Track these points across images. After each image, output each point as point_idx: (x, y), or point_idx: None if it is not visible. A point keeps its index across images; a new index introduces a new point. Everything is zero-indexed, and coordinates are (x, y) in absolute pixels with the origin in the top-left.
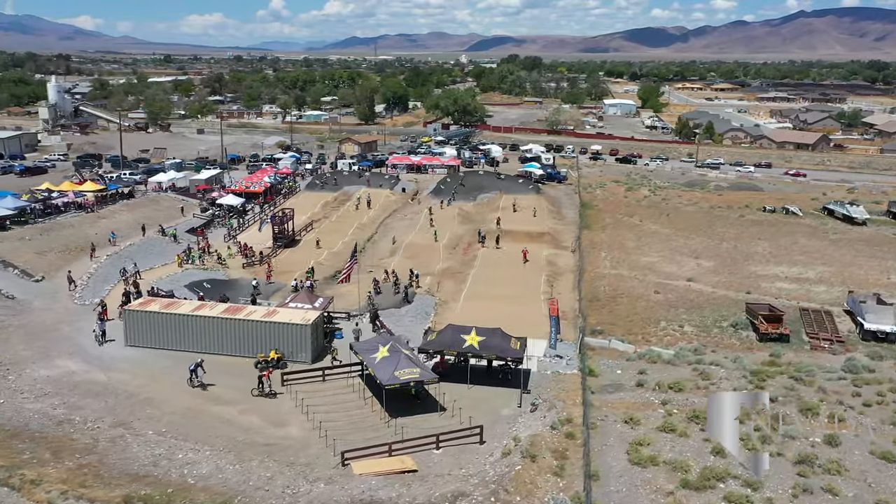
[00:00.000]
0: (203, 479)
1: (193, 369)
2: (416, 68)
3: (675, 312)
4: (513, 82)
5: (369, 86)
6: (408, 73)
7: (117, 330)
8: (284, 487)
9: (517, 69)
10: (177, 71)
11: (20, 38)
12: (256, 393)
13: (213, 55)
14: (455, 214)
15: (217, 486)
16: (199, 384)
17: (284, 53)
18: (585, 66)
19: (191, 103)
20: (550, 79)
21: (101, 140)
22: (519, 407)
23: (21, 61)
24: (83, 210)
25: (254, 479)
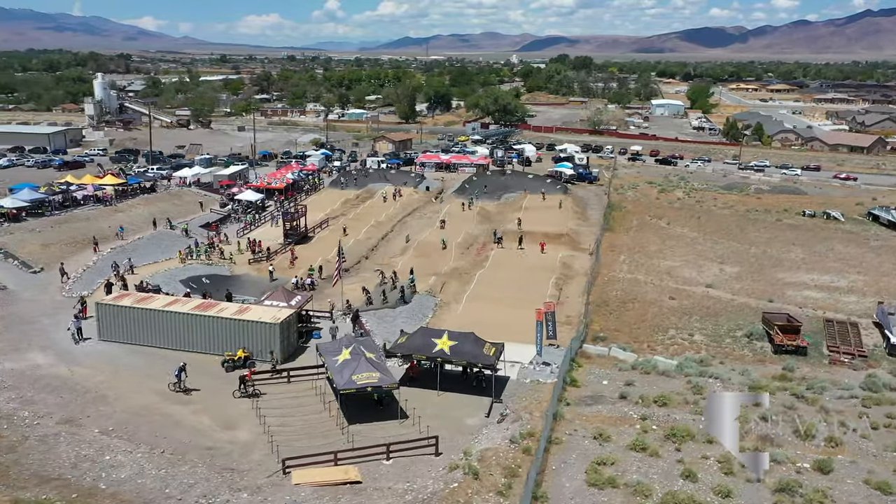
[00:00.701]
0: (116, 485)
1: (178, 373)
2: (462, 67)
3: (687, 320)
4: (559, 82)
5: (410, 85)
6: (453, 73)
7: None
8: (200, 497)
9: (564, 69)
10: (230, 70)
11: (88, 39)
12: (239, 394)
13: (268, 55)
14: (475, 214)
15: (128, 492)
16: (184, 389)
17: (337, 53)
18: (637, 67)
19: (237, 101)
20: (599, 79)
21: (142, 136)
22: (487, 417)
23: (84, 60)
24: (101, 203)
25: (172, 486)
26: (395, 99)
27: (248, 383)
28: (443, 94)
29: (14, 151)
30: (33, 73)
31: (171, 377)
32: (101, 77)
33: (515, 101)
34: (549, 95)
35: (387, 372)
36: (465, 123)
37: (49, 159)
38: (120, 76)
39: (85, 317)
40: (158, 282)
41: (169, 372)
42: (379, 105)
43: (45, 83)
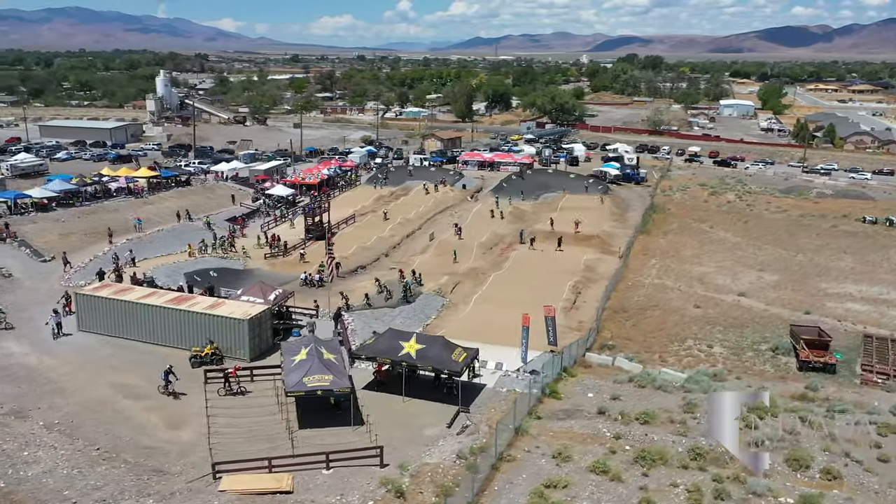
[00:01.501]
0: (16, 483)
1: (165, 377)
2: (527, 67)
3: (709, 330)
4: (625, 82)
5: (467, 83)
6: (516, 72)
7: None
8: (100, 500)
9: (631, 68)
10: (300, 70)
11: (171, 40)
12: (223, 392)
13: (340, 55)
14: (506, 213)
15: (24, 492)
16: (172, 392)
17: (407, 53)
18: (712, 67)
19: (298, 99)
20: (667, 78)
21: (198, 132)
22: (448, 427)
23: (162, 60)
24: (133, 195)
25: (76, 488)
26: (452, 98)
27: (234, 380)
28: (502, 93)
29: (76, 145)
30: (115, 71)
31: (160, 380)
32: (163, 74)
33: (573, 100)
34: (615, 95)
35: (341, 375)
36: (521, 123)
37: (105, 153)
38: (194, 75)
39: (70, 312)
40: (162, 275)
41: (136, 364)
42: (438, 104)
43: (119, 81)
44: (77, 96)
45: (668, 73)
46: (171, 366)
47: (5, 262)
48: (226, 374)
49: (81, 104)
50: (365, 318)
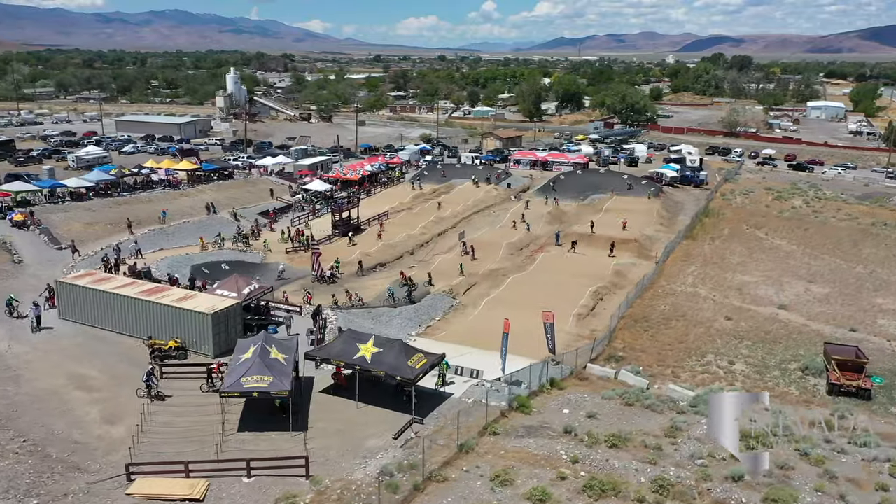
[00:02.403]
0: None
1: (146, 379)
2: (604, 66)
3: (735, 345)
4: (707, 82)
5: (535, 82)
6: (591, 71)
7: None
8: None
9: (714, 68)
10: (380, 69)
11: (262, 41)
12: (206, 389)
13: (422, 55)
14: (545, 213)
15: None
16: (156, 395)
17: (489, 54)
18: (805, 67)
19: (369, 98)
20: (753, 79)
21: (264, 128)
22: (394, 439)
23: (249, 60)
24: (172, 187)
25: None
26: (520, 97)
27: (216, 377)
28: (573, 92)
29: (145, 139)
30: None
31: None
32: (233, 72)
33: (645, 100)
34: (696, 96)
35: (284, 377)
36: (590, 123)
37: (168, 147)
38: (276, 74)
39: (52, 305)
40: (169, 266)
41: (101, 355)
42: (510, 104)
43: (200, 79)
44: (161, 93)
45: (755, 74)
46: (152, 366)
47: (21, 249)
48: (209, 370)
49: (164, 101)
50: (356, 317)
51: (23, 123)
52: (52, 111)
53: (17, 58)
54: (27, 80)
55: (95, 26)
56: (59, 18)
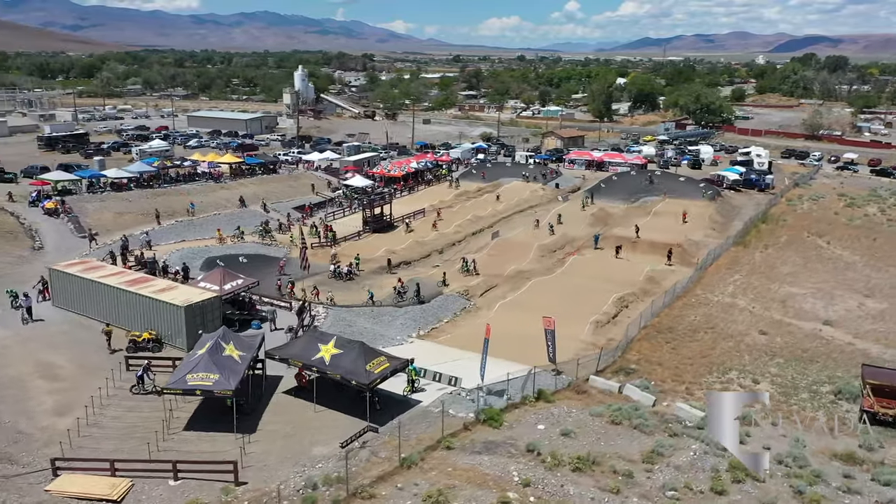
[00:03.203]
0: None
1: (140, 375)
2: (683, 66)
3: (764, 362)
4: (794, 83)
5: (606, 82)
6: (670, 71)
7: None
8: None
9: (804, 69)
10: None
11: (346, 41)
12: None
13: (502, 56)
14: (588, 215)
15: None
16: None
17: (571, 54)
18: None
19: (438, 97)
20: (846, 80)
21: (327, 125)
22: (342, 447)
23: (330, 59)
24: (213, 180)
25: None
26: (590, 97)
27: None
28: (648, 92)
29: (211, 135)
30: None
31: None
32: (301, 69)
33: (721, 100)
34: (782, 97)
35: (232, 375)
36: (661, 123)
37: (230, 142)
38: (355, 74)
39: (46, 297)
40: (182, 258)
41: (79, 343)
42: (582, 103)
43: (277, 77)
44: (239, 91)
45: (849, 75)
46: (149, 362)
47: (45, 236)
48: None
49: (240, 98)
50: (355, 316)
51: (105, 118)
52: (134, 107)
53: (113, 57)
54: (121, 78)
55: (190, 28)
56: (157, 20)
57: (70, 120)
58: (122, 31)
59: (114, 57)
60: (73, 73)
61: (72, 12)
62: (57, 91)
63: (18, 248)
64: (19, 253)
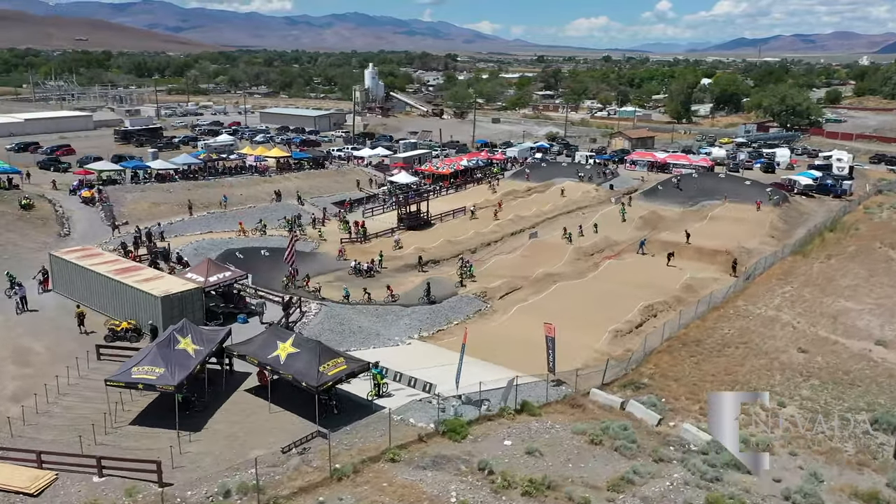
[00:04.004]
0: None
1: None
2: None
3: (796, 383)
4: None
5: (685, 82)
6: (759, 72)
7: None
8: None
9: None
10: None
11: (433, 42)
12: None
13: (588, 56)
14: (637, 217)
15: None
16: None
17: (660, 55)
18: None
19: (511, 96)
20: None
21: (394, 122)
22: (283, 452)
23: (412, 59)
24: (259, 174)
25: None
26: (668, 97)
27: None
28: (731, 93)
29: (280, 131)
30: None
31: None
32: (371, 67)
33: (808, 102)
34: (882, 100)
35: (179, 370)
36: (742, 125)
37: (294, 138)
38: (435, 73)
39: (46, 289)
40: (193, 249)
41: (62, 330)
42: (661, 104)
43: (356, 76)
44: (318, 89)
45: None
46: None
47: (76, 224)
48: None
49: (318, 96)
50: (354, 314)
51: (185, 114)
52: (216, 104)
53: (208, 57)
54: (211, 76)
55: (284, 29)
56: (252, 22)
57: (153, 115)
58: (220, 32)
59: (208, 57)
60: (168, 72)
61: (175, 15)
62: (145, 88)
63: (45, 235)
64: (44, 239)
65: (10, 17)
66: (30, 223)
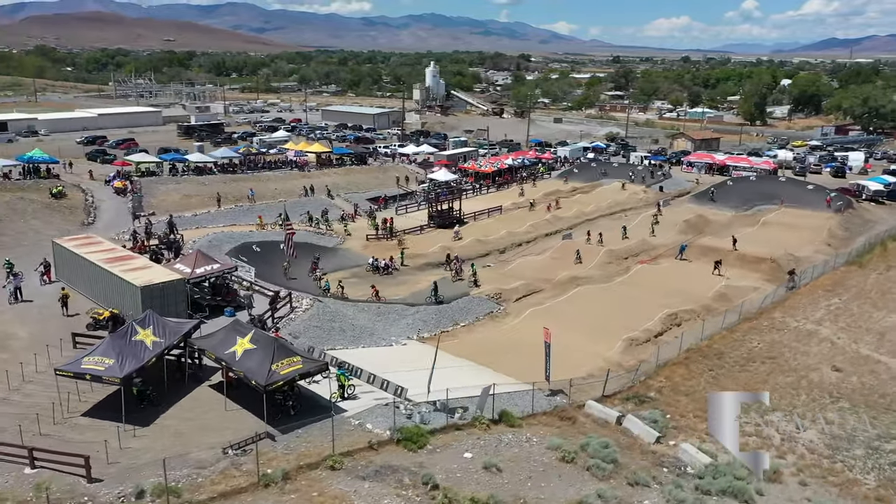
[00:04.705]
0: None
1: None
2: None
3: (822, 405)
4: None
5: (760, 83)
6: (846, 73)
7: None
8: None
9: None
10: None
11: (508, 42)
12: None
13: (667, 57)
14: (682, 221)
15: None
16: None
17: (743, 55)
18: None
19: (577, 96)
20: None
21: (453, 120)
22: (223, 453)
23: (483, 60)
24: (298, 168)
25: None
26: (742, 98)
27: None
28: (811, 94)
29: (338, 128)
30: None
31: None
32: (432, 66)
33: (893, 104)
34: None
35: (130, 361)
36: (820, 128)
37: (349, 134)
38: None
39: (49, 281)
40: (208, 241)
41: (50, 318)
42: (736, 105)
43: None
44: (385, 88)
45: None
46: None
47: (103, 213)
48: None
49: (383, 95)
50: (353, 311)
51: (252, 111)
52: (283, 101)
53: (285, 57)
54: (286, 75)
55: (362, 29)
56: (332, 23)
57: (220, 112)
58: (301, 33)
59: (285, 56)
60: (245, 71)
61: (259, 16)
62: (217, 87)
63: (69, 223)
64: (67, 227)
65: (107, 18)
66: (57, 211)
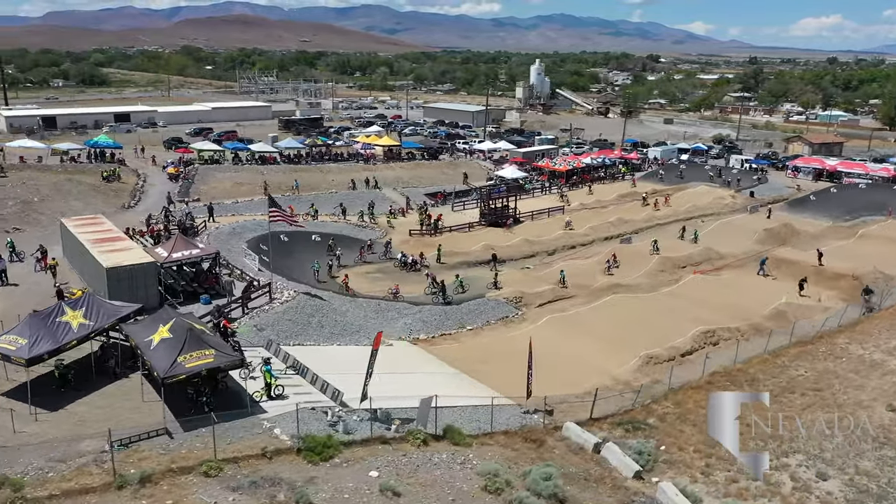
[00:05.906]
0: None
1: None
2: None
3: (858, 451)
4: None
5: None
6: None
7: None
8: None
9: None
10: (750, 72)
11: (640, 43)
12: None
13: (812, 58)
14: (762, 230)
15: None
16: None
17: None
18: None
19: (696, 97)
20: None
21: (553, 119)
22: (106, 450)
23: (608, 60)
24: (364, 161)
25: None
26: (882, 101)
27: None
28: None
29: (434, 124)
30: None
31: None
32: (537, 63)
33: None
34: None
35: (42, 342)
36: None
37: (440, 131)
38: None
39: (45, 267)
40: (231, 229)
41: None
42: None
43: None
44: (499, 86)
45: None
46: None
47: (148, 198)
48: None
49: (494, 94)
50: (369, 311)
51: (360, 107)
52: (392, 98)
53: (409, 57)
54: (407, 73)
55: (491, 30)
56: (462, 24)
57: (329, 108)
58: (431, 34)
59: (410, 56)
60: (369, 70)
61: (391, 18)
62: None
63: (109, 206)
64: (105, 209)
65: (250, 20)
66: (102, 193)
